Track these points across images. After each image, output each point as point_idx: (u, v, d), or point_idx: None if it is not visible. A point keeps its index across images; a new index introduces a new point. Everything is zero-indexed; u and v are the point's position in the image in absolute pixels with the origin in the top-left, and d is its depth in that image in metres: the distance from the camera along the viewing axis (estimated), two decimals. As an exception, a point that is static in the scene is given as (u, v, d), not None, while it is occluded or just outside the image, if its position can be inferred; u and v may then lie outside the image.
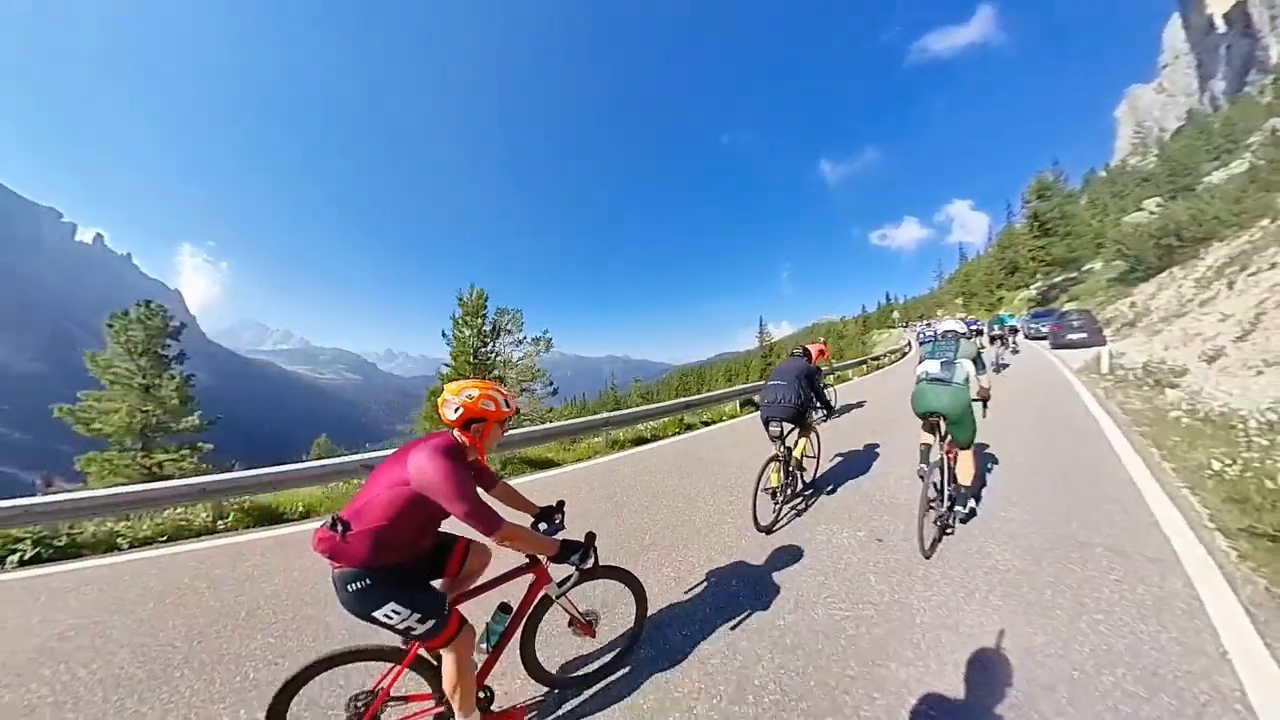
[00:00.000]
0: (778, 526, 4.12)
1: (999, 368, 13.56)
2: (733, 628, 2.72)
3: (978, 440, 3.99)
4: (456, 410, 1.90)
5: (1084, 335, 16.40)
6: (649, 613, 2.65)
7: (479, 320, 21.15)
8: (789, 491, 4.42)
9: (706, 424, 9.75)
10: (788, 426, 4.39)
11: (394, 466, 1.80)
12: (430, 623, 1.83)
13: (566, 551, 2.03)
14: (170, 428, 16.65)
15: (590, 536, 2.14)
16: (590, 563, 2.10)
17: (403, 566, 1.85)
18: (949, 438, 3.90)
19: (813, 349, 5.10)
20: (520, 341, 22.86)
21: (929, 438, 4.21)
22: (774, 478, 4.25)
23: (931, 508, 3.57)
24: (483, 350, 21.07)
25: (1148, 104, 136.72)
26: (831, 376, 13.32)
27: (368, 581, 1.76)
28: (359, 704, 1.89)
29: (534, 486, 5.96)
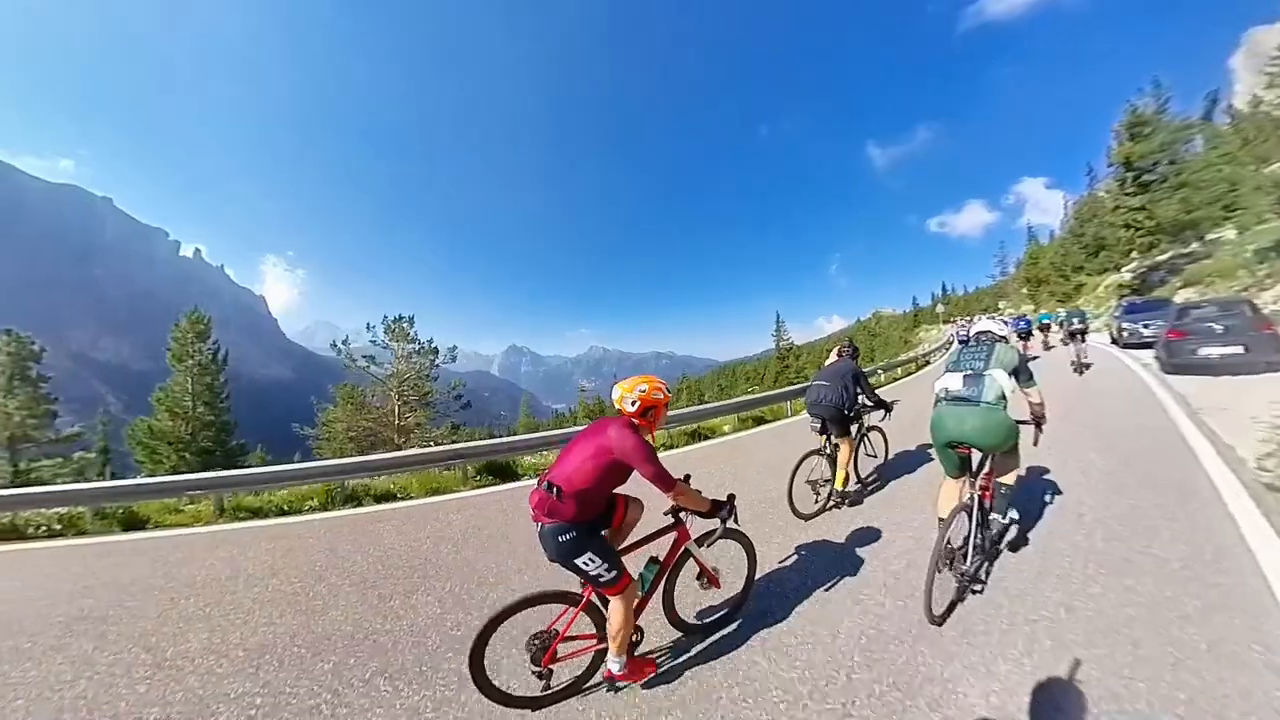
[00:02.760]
0: (819, 517, 4.32)
1: (1081, 368, 11.03)
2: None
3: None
4: (634, 403, 2.39)
5: (1239, 351, 8.06)
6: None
7: (198, 347, 19.57)
8: (834, 486, 4.44)
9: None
10: (831, 424, 4.45)
11: (589, 441, 2.30)
12: (613, 572, 2.28)
13: (716, 508, 2.52)
14: (37, 439, 17.82)
15: (731, 498, 2.61)
16: (733, 519, 2.58)
17: (595, 521, 2.37)
18: (982, 470, 3.10)
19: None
20: (419, 351, 21.07)
21: (954, 482, 3.19)
22: (817, 470, 4.48)
23: (952, 563, 2.80)
24: (213, 381, 19.73)
25: (1273, 46, 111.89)
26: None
27: (574, 534, 2.23)
28: (537, 642, 2.36)
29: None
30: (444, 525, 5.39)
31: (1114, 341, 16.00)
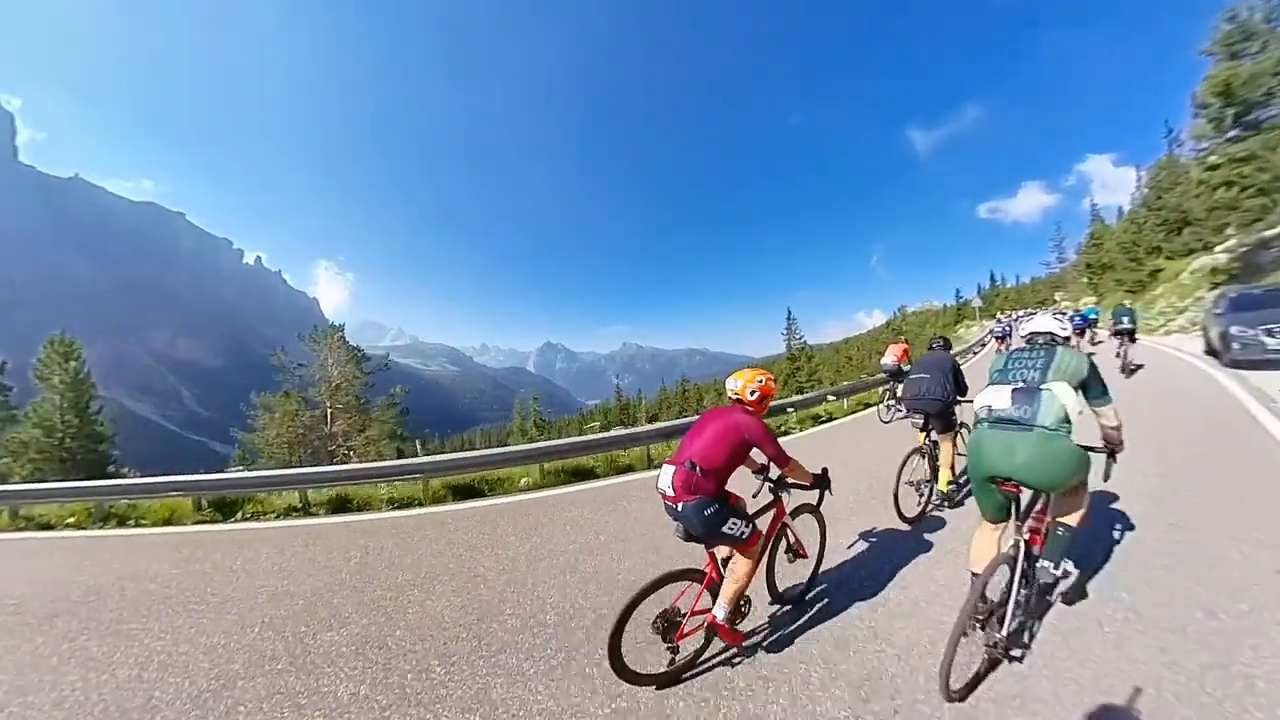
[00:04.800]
0: (923, 518, 4.14)
1: (1130, 371, 9.83)
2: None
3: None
4: (754, 393, 2.71)
5: None
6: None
7: (66, 366, 19.84)
8: (936, 485, 4.35)
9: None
10: (932, 420, 4.39)
11: (715, 425, 2.57)
12: (750, 528, 2.56)
13: (818, 481, 2.85)
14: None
15: (825, 470, 2.91)
16: (828, 490, 2.94)
17: (726, 494, 2.59)
18: (1032, 509, 2.48)
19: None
20: (357, 359, 21.73)
21: (991, 529, 2.53)
22: (918, 470, 4.26)
23: (984, 625, 2.24)
24: (79, 397, 19.97)
25: None
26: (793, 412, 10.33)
27: (716, 507, 2.44)
28: (664, 621, 2.47)
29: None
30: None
31: (1211, 352, 10.42)
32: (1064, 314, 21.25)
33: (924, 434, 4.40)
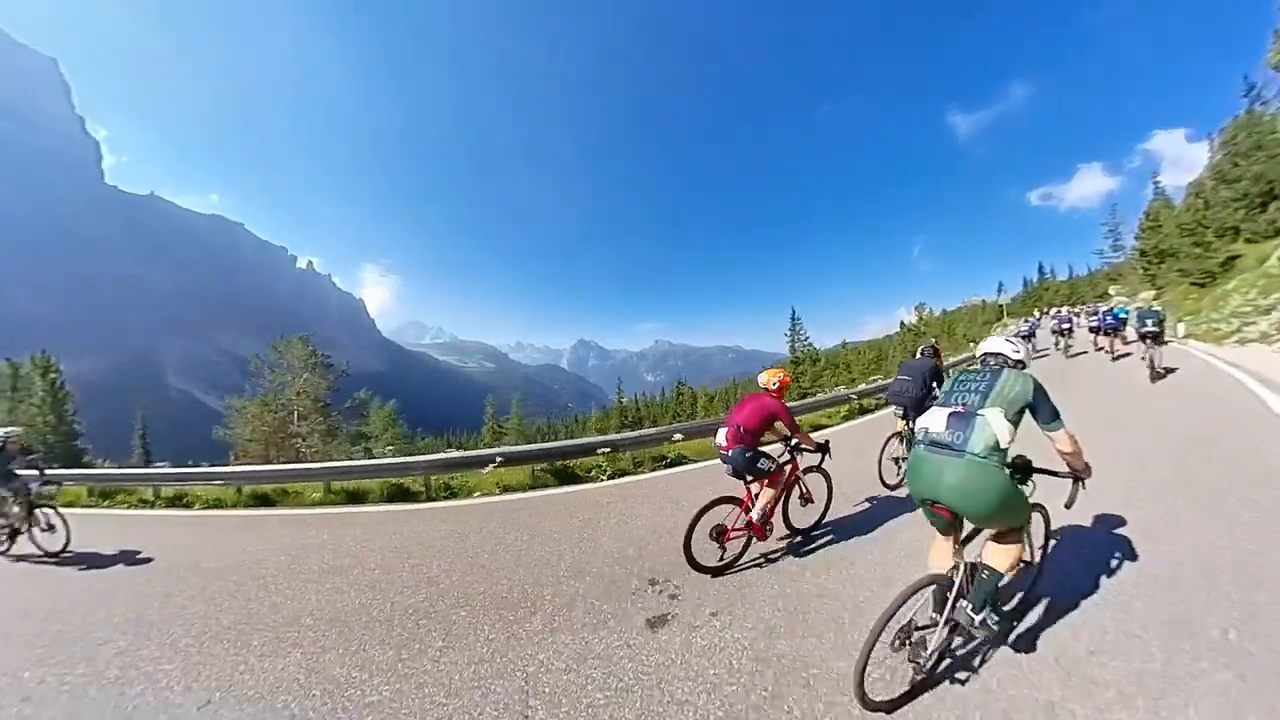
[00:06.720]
0: (900, 488, 5.41)
1: (1156, 375, 9.45)
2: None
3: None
4: (776, 384, 4.28)
5: None
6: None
7: (49, 378, 24.15)
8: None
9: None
10: (910, 411, 5.63)
11: (752, 404, 4.16)
12: (774, 465, 4.11)
13: (821, 447, 4.28)
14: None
15: (827, 441, 4.38)
16: (829, 455, 4.34)
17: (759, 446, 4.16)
18: (971, 536, 2.57)
19: (928, 350, 6.22)
20: (316, 366, 22.88)
21: (944, 547, 2.52)
22: (896, 449, 5.71)
23: (910, 642, 2.26)
24: (55, 402, 23.88)
25: None
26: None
27: (754, 451, 4.01)
28: (716, 531, 3.93)
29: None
30: None
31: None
32: (1096, 312, 17.28)
33: (903, 422, 5.79)
